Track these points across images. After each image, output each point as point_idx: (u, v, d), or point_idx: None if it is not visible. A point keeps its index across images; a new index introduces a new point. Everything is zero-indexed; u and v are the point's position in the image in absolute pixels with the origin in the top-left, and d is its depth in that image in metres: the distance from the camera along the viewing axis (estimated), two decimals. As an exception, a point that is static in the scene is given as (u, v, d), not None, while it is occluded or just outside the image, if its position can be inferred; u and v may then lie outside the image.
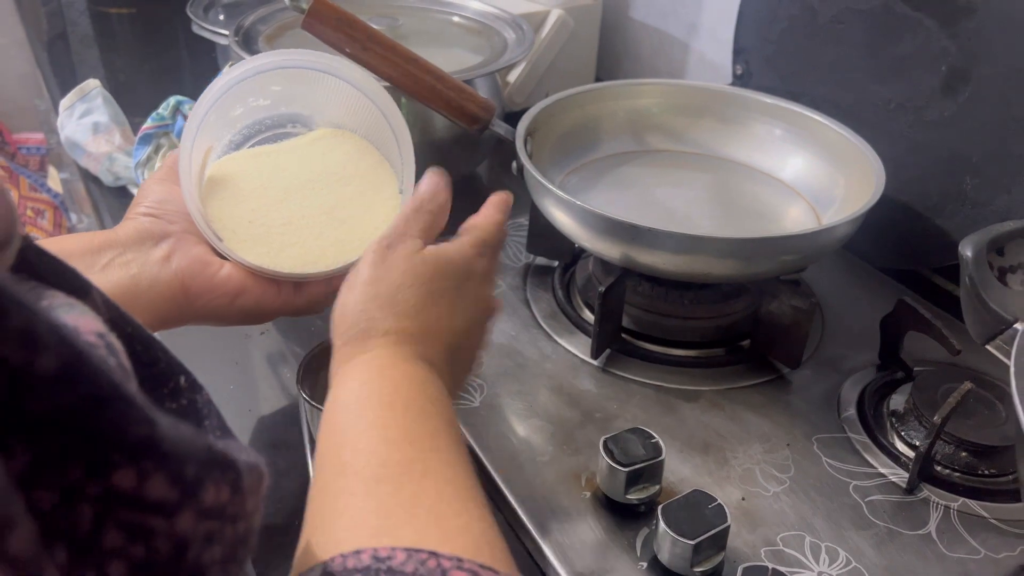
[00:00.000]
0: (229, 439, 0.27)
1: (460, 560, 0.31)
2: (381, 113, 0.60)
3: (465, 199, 0.91)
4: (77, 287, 0.26)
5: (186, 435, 0.22)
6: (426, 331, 0.45)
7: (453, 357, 0.47)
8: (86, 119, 0.89)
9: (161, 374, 0.27)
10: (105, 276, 0.49)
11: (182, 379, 0.28)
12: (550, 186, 0.64)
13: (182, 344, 0.64)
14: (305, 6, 0.65)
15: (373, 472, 0.36)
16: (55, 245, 0.50)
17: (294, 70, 0.60)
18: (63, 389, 0.19)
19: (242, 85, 0.58)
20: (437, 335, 0.46)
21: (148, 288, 0.50)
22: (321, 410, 0.52)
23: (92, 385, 0.20)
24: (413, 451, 0.37)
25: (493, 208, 0.53)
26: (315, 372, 0.56)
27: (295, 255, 0.55)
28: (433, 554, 0.31)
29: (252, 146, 0.61)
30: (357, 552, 0.31)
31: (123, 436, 0.20)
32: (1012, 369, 0.41)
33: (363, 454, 0.37)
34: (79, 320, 0.23)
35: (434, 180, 0.52)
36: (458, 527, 0.34)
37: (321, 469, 0.38)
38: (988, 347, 0.46)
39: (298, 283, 0.55)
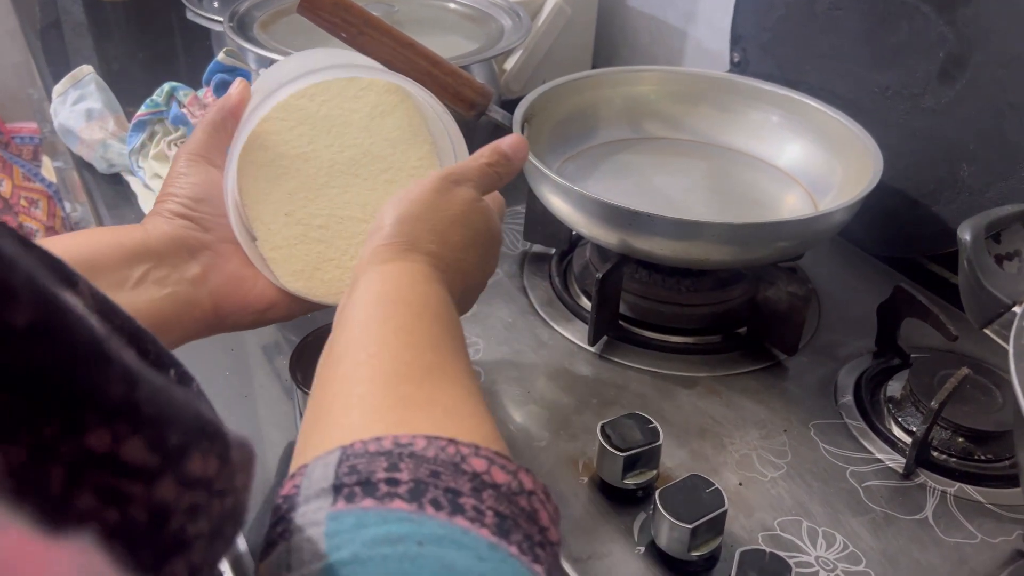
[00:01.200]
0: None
1: (477, 447, 0.31)
2: (444, 129, 0.58)
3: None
4: (63, 277, 0.25)
5: (176, 399, 0.22)
6: (457, 269, 0.47)
7: (462, 299, 0.49)
8: (79, 105, 0.89)
9: (151, 366, 0.27)
10: (138, 295, 0.47)
11: (172, 372, 0.27)
12: (548, 172, 0.64)
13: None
14: (301, -9, 0.64)
15: (396, 369, 0.36)
16: (85, 245, 0.47)
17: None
18: (37, 343, 0.18)
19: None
20: (463, 276, 0.48)
21: (182, 309, 0.49)
22: None
23: (68, 341, 0.19)
24: (435, 357, 0.38)
25: (513, 157, 0.54)
26: (308, 359, 0.56)
27: (331, 279, 0.54)
28: (452, 441, 0.31)
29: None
30: (378, 438, 0.31)
31: (100, 396, 0.20)
32: (1011, 352, 0.41)
33: (389, 351, 0.37)
34: None
35: (517, 144, 0.53)
36: (472, 426, 0.34)
37: (340, 356, 0.38)
38: (986, 331, 0.46)
39: None
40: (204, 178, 0.53)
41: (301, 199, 0.55)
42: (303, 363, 0.55)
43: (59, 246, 0.45)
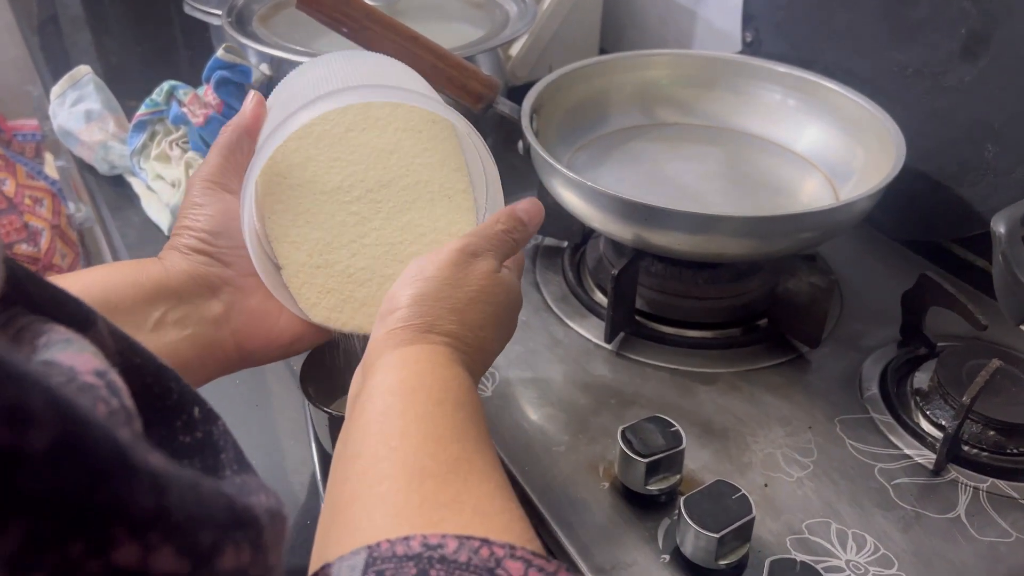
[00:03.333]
0: (247, 474, 0.25)
1: (512, 547, 0.30)
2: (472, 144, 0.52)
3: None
4: (80, 319, 0.24)
5: (206, 494, 0.20)
6: (479, 348, 0.45)
7: (482, 372, 0.47)
8: (78, 107, 0.87)
9: (175, 406, 0.26)
10: (158, 338, 0.45)
11: (196, 410, 0.26)
12: (558, 166, 0.62)
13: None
14: (299, -15, 0.62)
15: (421, 464, 0.34)
16: (100, 284, 0.45)
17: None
18: (59, 466, 0.17)
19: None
20: (484, 353, 0.46)
21: (204, 351, 0.47)
22: (325, 411, 0.51)
23: (92, 457, 0.18)
24: (460, 449, 0.36)
25: (529, 223, 0.52)
26: (319, 371, 0.54)
27: (364, 310, 0.51)
28: (485, 541, 0.30)
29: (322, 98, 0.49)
30: (406, 539, 0.29)
31: (127, 509, 0.18)
32: (1053, 354, 0.39)
33: (412, 444, 0.36)
34: (76, 359, 0.21)
35: (533, 210, 0.51)
36: (503, 523, 0.33)
37: (358, 451, 0.36)
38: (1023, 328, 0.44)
39: None
40: (220, 207, 0.49)
41: (326, 226, 0.51)
42: (314, 375, 0.54)
43: (76, 285, 0.43)
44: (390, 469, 0.34)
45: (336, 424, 0.49)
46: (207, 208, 0.49)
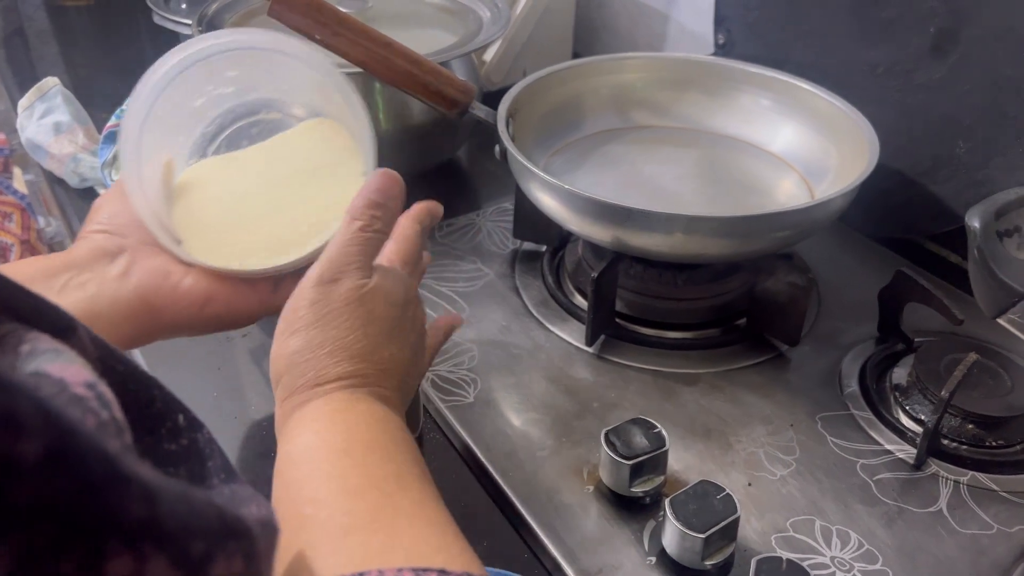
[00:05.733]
0: (235, 483, 0.25)
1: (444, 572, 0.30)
2: (337, 90, 0.55)
3: (447, 184, 0.89)
4: (62, 326, 0.24)
5: (196, 504, 0.20)
6: (381, 370, 0.42)
7: (404, 387, 0.45)
8: (47, 119, 0.86)
9: (158, 414, 0.25)
10: (61, 299, 0.46)
11: (180, 418, 0.26)
12: (535, 170, 0.62)
13: (158, 352, 0.61)
14: (270, -8, 0.62)
15: (338, 524, 0.33)
16: (8, 269, 0.47)
17: (244, 52, 0.56)
18: (51, 476, 0.17)
19: (192, 73, 0.54)
20: (392, 371, 0.43)
21: (108, 307, 0.47)
22: None
23: (84, 468, 0.17)
24: (379, 496, 0.35)
25: (411, 220, 0.51)
26: None
27: (263, 251, 0.52)
28: (443, 572, 0.29)
29: (227, 135, 0.58)
30: None
31: (119, 520, 0.18)
32: (1030, 346, 0.39)
33: (325, 506, 0.34)
34: (66, 370, 0.20)
35: (385, 185, 0.45)
36: (441, 563, 0.32)
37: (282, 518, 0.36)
38: (1000, 320, 0.45)
39: (276, 280, 0.53)
40: (121, 200, 0.52)
41: (230, 214, 0.54)
42: None
43: None
44: (308, 537, 0.33)
45: None
46: (107, 203, 0.53)
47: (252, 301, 0.52)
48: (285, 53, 0.55)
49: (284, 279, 0.52)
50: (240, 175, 0.57)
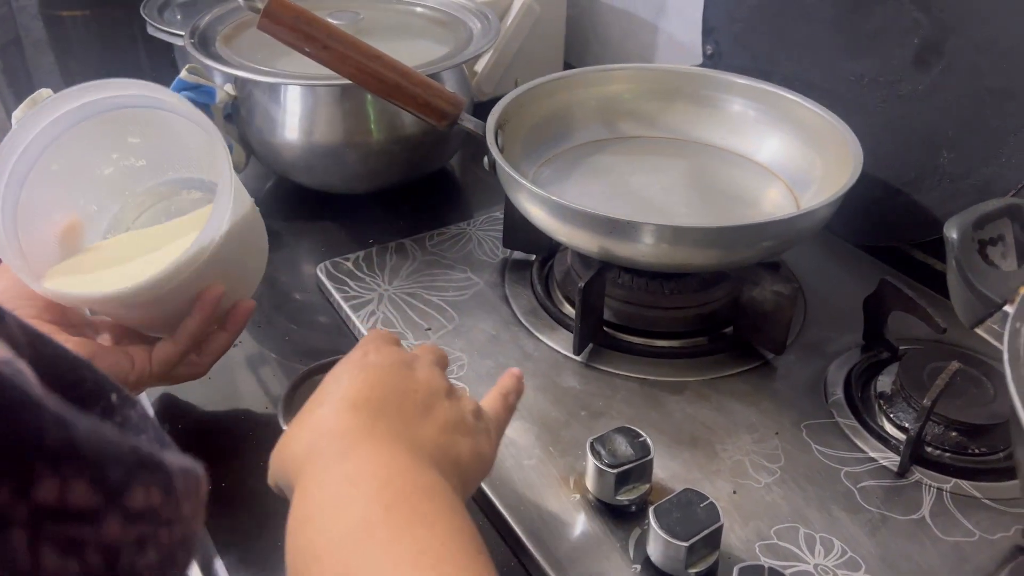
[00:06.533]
0: (168, 450, 0.26)
1: None
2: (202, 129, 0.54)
3: (438, 194, 0.89)
4: None
5: (110, 436, 0.21)
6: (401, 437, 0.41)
7: (461, 472, 0.42)
8: (41, 130, 0.86)
9: (90, 394, 0.26)
10: None
11: (113, 396, 0.27)
12: (523, 181, 0.63)
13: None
14: (260, 5, 0.63)
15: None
16: None
17: (127, 112, 0.56)
18: None
19: (85, 131, 0.55)
20: (407, 436, 0.41)
21: None
22: None
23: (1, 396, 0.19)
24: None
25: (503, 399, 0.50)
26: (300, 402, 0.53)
27: (106, 283, 0.52)
28: None
29: (147, 215, 0.61)
30: None
31: (41, 442, 0.19)
32: (1006, 356, 0.40)
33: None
34: None
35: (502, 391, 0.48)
36: None
37: None
38: (977, 330, 0.45)
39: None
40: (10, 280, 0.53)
41: (99, 251, 0.57)
42: (297, 408, 0.52)
43: None
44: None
45: None
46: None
47: (125, 366, 0.53)
48: (164, 108, 0.55)
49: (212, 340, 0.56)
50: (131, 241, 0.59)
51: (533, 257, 0.76)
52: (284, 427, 0.50)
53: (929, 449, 0.57)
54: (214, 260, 0.53)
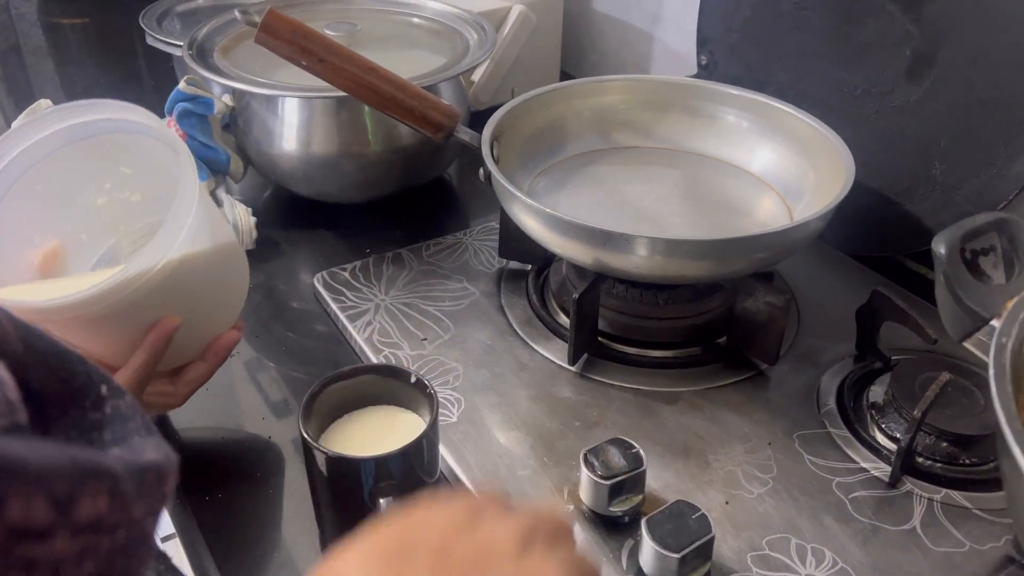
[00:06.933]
0: (152, 437, 0.27)
1: None
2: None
3: (435, 203, 0.90)
4: None
5: (49, 451, 0.22)
6: None
7: None
8: (40, 141, 0.87)
9: (82, 386, 0.27)
10: None
11: (104, 388, 0.27)
12: (518, 193, 0.63)
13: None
14: (257, 19, 0.63)
15: None
16: None
17: (110, 137, 0.56)
18: None
19: (71, 153, 0.55)
20: None
21: None
22: (326, 453, 0.49)
23: None
24: None
25: None
26: (319, 411, 0.51)
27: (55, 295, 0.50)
28: None
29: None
30: None
31: (5, 460, 0.20)
32: (991, 371, 0.40)
33: None
34: None
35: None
36: None
37: None
38: (966, 344, 0.46)
39: (177, 369, 0.55)
40: None
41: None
42: (314, 417, 0.51)
43: None
44: None
45: (333, 463, 0.49)
46: None
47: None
48: (149, 134, 0.55)
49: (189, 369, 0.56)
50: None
51: (529, 267, 0.76)
52: (304, 434, 0.49)
53: (920, 459, 0.57)
54: (165, 287, 0.49)
